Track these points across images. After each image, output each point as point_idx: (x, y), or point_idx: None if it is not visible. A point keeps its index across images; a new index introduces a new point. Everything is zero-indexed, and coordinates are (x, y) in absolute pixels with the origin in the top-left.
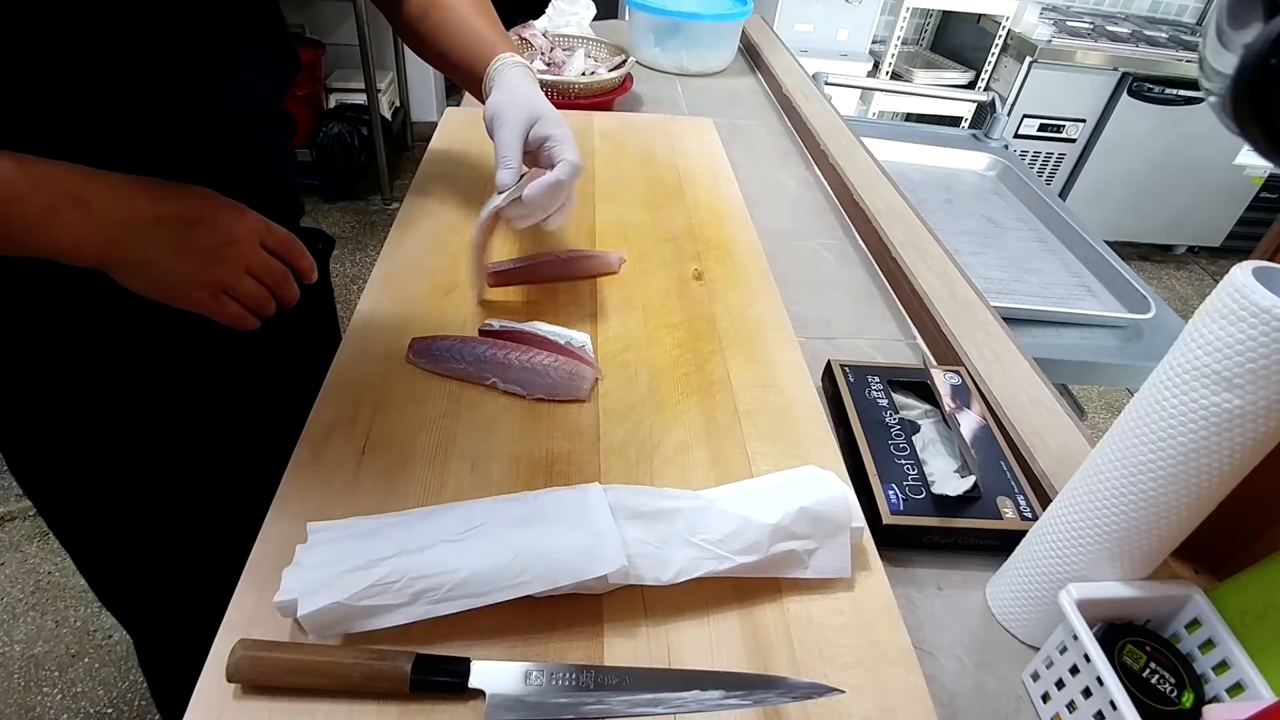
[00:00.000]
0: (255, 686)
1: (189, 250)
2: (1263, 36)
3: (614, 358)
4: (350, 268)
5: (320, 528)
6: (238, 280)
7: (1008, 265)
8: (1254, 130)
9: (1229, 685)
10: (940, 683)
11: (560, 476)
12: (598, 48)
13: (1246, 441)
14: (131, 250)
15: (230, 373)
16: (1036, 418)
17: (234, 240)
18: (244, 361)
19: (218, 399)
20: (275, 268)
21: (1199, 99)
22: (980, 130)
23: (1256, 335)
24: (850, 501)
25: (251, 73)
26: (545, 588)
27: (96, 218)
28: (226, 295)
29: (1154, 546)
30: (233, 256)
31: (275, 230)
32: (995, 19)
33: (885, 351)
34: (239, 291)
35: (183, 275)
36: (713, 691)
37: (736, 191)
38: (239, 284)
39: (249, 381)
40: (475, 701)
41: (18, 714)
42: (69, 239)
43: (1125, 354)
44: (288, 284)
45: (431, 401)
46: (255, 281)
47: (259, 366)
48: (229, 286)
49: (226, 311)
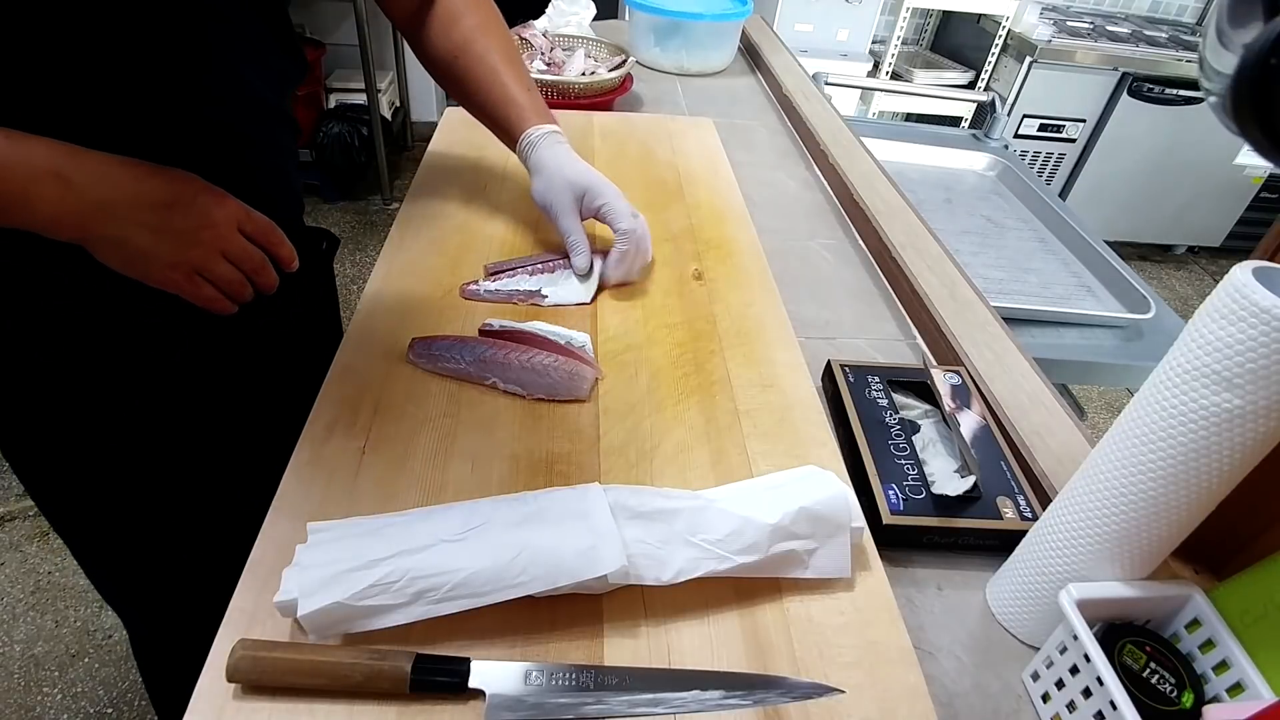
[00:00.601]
0: (255, 686)
1: (165, 231)
2: (1263, 36)
3: (614, 358)
4: (350, 268)
5: (320, 528)
6: (213, 263)
7: (1008, 265)
8: (1254, 130)
9: (1229, 685)
10: (940, 683)
11: (560, 476)
12: (598, 48)
13: (1246, 441)
14: (109, 228)
15: (229, 366)
16: (1036, 418)
17: (211, 224)
18: (243, 356)
19: (216, 392)
20: (252, 254)
21: (1199, 99)
22: (980, 130)
23: (1256, 335)
24: (850, 501)
25: (257, 76)
26: (545, 588)
27: (76, 194)
28: (201, 277)
29: (1154, 546)
30: (209, 240)
31: (254, 217)
32: (995, 19)
33: (885, 351)
34: (214, 274)
35: (157, 256)
36: (713, 691)
37: (736, 191)
38: (214, 267)
39: (249, 376)
40: (475, 701)
41: (18, 714)
42: (47, 213)
43: (1125, 354)
44: (265, 270)
45: (431, 401)
46: (231, 266)
47: (260, 362)
48: (204, 269)
49: (201, 293)
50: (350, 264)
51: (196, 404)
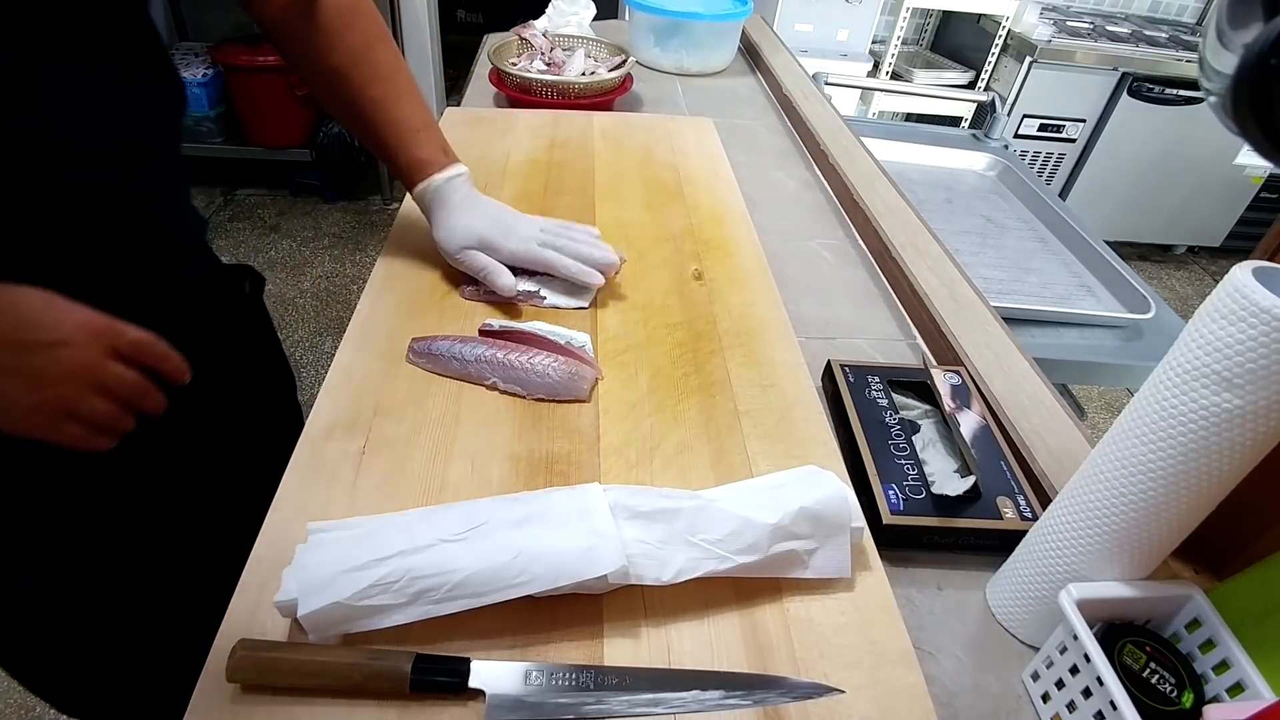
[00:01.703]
0: (255, 686)
1: (15, 373)
2: (1263, 36)
3: (614, 358)
4: (350, 268)
5: (320, 528)
6: (78, 401)
7: (1008, 265)
8: (1254, 130)
9: (1229, 685)
10: (940, 683)
11: (560, 476)
12: (598, 48)
13: (1246, 441)
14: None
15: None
16: (1036, 418)
17: (69, 356)
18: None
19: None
20: (128, 381)
21: (1199, 99)
22: (980, 130)
23: (1256, 335)
24: (850, 501)
25: (118, 115)
26: (545, 588)
27: None
28: (69, 417)
29: (1154, 546)
30: (70, 375)
31: (126, 334)
32: (995, 19)
33: (885, 351)
34: (82, 412)
35: (9, 401)
36: (713, 691)
37: (736, 191)
38: (80, 404)
39: (198, 451)
40: (475, 701)
41: (18, 714)
42: None
43: (1125, 354)
44: (149, 397)
45: (431, 401)
46: (103, 400)
47: (206, 431)
48: (71, 409)
49: (69, 435)
50: (350, 264)
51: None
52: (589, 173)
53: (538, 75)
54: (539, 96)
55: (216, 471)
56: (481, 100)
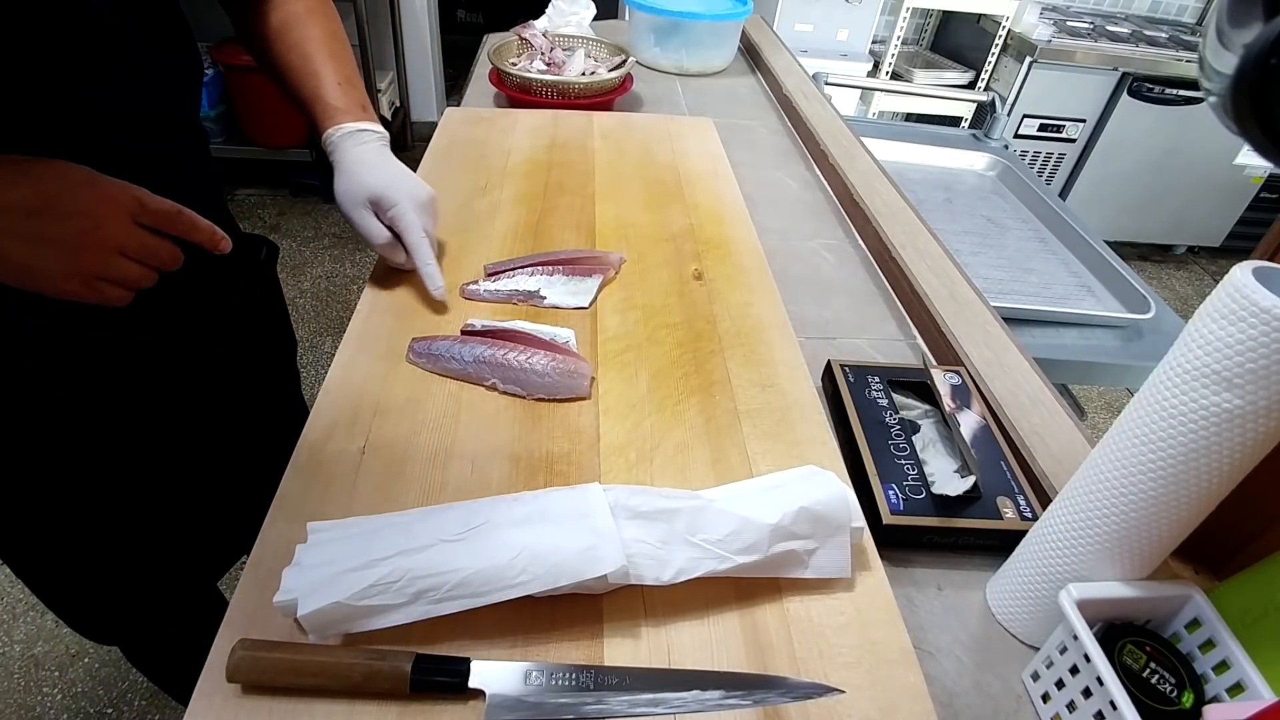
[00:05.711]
0: (255, 686)
1: (45, 241)
2: (1263, 36)
3: (614, 358)
4: (350, 268)
5: (320, 528)
6: (108, 266)
7: (1008, 265)
8: (1254, 130)
9: (1229, 685)
10: (940, 683)
11: (560, 476)
12: (598, 48)
13: (1246, 441)
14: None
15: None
16: (1036, 418)
17: (97, 224)
18: (189, 377)
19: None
20: (155, 248)
21: (1199, 99)
22: (980, 130)
23: (1256, 335)
24: (850, 501)
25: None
26: (545, 588)
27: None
28: (103, 280)
29: (1154, 546)
30: (98, 242)
31: (151, 204)
32: (995, 19)
33: (885, 351)
34: (114, 277)
35: (44, 268)
36: (713, 691)
37: (736, 191)
38: (111, 269)
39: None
40: (475, 701)
41: (18, 714)
42: None
43: (1125, 354)
44: (176, 261)
45: (431, 401)
46: (132, 262)
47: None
48: (103, 273)
49: (105, 297)
50: (350, 264)
51: (142, 430)
52: (589, 173)
53: (538, 75)
54: (539, 96)
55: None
56: (481, 100)
